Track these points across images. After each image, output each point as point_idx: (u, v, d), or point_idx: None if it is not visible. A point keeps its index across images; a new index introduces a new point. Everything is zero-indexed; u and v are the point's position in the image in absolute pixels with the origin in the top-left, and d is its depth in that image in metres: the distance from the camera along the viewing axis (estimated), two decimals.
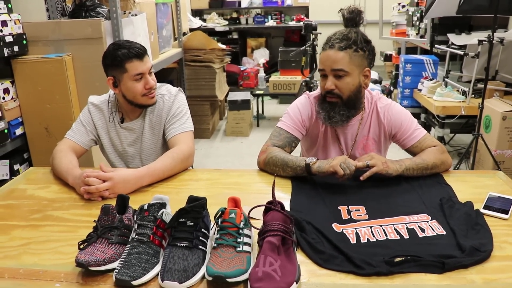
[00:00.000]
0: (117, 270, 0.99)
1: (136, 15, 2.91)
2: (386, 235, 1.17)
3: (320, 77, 1.65)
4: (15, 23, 2.42)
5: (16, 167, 2.55)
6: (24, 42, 2.49)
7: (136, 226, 1.08)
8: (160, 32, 3.61)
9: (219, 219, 1.08)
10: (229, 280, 0.95)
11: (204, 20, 6.94)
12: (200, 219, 1.08)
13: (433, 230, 1.19)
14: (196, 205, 1.08)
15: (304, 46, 4.46)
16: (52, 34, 2.52)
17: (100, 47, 2.49)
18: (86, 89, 2.52)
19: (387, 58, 6.33)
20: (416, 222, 1.23)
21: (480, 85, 3.38)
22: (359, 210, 1.32)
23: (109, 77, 1.73)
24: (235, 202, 1.18)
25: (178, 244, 1.04)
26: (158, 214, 1.09)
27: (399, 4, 5.79)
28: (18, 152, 2.60)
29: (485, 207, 1.30)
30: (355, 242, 1.15)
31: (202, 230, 1.08)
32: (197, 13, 7.20)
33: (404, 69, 4.25)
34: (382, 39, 5.42)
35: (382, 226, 1.21)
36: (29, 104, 2.52)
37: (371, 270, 1.02)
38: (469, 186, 1.48)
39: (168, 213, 1.10)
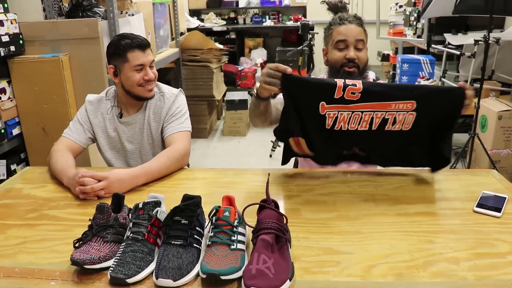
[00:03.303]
0: (112, 268, 1.00)
1: (133, 15, 2.92)
2: (359, 124, 1.35)
3: (334, 50, 1.69)
4: (12, 23, 2.42)
5: (13, 167, 2.55)
6: (21, 42, 2.50)
7: (131, 225, 1.09)
8: (157, 32, 3.62)
9: (213, 217, 1.09)
10: (223, 277, 0.96)
11: (202, 20, 6.94)
12: (195, 217, 1.09)
13: (401, 125, 1.36)
14: (190, 204, 1.09)
15: (301, 46, 4.47)
16: (49, 34, 2.53)
17: (97, 47, 2.50)
18: (83, 89, 2.53)
19: (385, 58, 6.34)
20: (396, 111, 1.34)
21: (477, 85, 3.39)
22: (355, 86, 1.31)
23: (110, 65, 1.76)
24: (229, 201, 1.19)
25: (173, 242, 1.04)
26: (153, 213, 1.09)
27: (396, 4, 5.81)
28: (15, 152, 2.61)
29: (478, 205, 1.31)
30: (329, 127, 1.34)
31: (197, 228, 1.08)
32: (194, 13, 7.21)
33: (401, 68, 4.27)
34: (380, 39, 5.44)
35: (362, 113, 1.34)
36: (26, 104, 2.53)
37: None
38: (463, 185, 1.48)
39: (162, 212, 1.11)
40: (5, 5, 2.44)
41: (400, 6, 5.70)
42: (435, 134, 1.42)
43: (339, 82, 1.31)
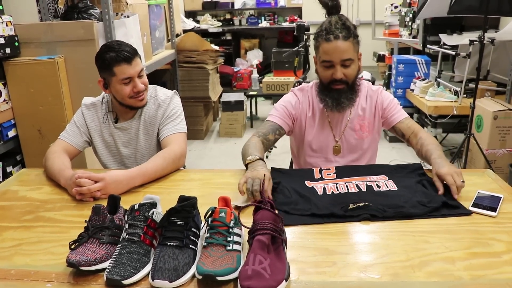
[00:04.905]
0: (108, 270, 1.00)
1: (128, 16, 2.91)
2: (348, 189, 1.44)
3: (321, 67, 1.68)
4: (7, 25, 2.42)
5: (8, 169, 2.54)
6: (16, 44, 2.49)
7: (127, 226, 1.09)
8: (153, 33, 3.62)
9: (209, 218, 1.09)
10: (219, 278, 0.96)
11: (198, 22, 6.95)
12: (191, 218, 1.08)
13: (387, 187, 1.44)
14: (186, 205, 1.09)
15: (297, 47, 4.48)
16: (44, 36, 2.52)
17: (92, 49, 2.49)
18: (78, 91, 2.52)
19: (380, 58, 6.35)
20: (375, 181, 1.49)
21: (472, 85, 3.40)
22: (329, 169, 1.60)
23: (100, 78, 1.74)
24: (225, 202, 1.19)
25: (169, 243, 1.04)
26: (149, 214, 1.09)
27: (391, 4, 5.82)
28: (10, 154, 2.60)
29: (474, 205, 1.32)
30: (321, 194, 1.42)
31: (193, 229, 1.08)
32: (190, 14, 7.21)
33: (397, 69, 4.28)
34: (375, 40, 5.45)
35: (346, 183, 1.48)
36: (22, 106, 2.52)
37: (327, 211, 1.27)
38: None
39: (158, 213, 1.11)
40: (0, 7, 2.44)
41: (396, 7, 5.72)
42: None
43: (315, 169, 1.61)
